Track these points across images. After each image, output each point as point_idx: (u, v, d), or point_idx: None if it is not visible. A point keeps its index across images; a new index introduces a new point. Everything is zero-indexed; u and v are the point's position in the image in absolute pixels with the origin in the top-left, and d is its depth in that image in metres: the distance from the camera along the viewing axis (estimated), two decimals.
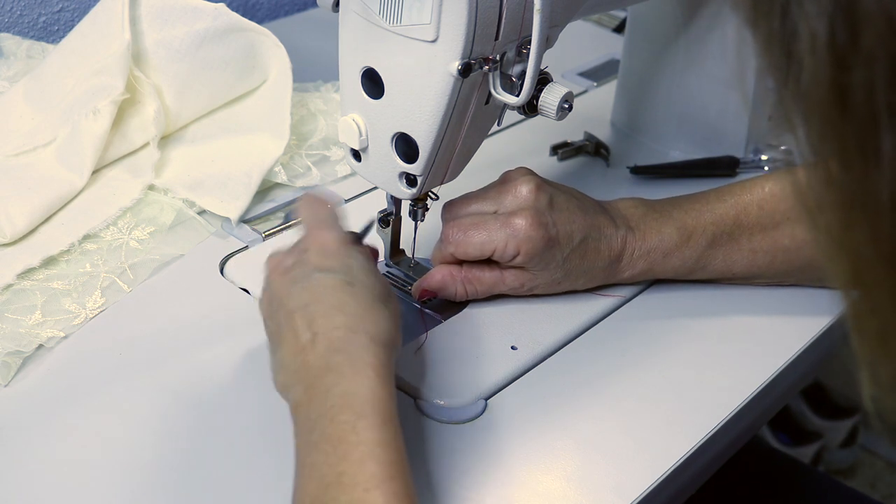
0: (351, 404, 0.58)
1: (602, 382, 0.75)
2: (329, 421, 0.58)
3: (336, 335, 0.61)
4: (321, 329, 0.62)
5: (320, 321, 0.62)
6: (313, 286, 0.64)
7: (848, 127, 0.38)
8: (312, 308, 0.63)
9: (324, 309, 0.63)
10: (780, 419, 1.79)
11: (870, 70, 0.37)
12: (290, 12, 1.39)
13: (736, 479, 0.99)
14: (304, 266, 0.65)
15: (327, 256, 0.66)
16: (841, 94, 0.38)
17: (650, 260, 0.79)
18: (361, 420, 0.58)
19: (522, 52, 0.69)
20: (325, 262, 0.65)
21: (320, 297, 0.63)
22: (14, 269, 0.80)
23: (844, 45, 0.37)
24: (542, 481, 0.67)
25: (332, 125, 1.01)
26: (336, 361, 0.60)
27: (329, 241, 0.67)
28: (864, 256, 0.41)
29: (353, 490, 0.55)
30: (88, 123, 0.89)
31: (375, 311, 0.64)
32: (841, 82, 0.38)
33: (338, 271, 0.65)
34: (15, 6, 1.14)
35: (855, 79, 0.37)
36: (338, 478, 0.56)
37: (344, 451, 0.56)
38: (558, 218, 0.75)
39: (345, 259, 0.66)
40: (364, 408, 0.58)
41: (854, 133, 0.38)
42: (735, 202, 0.80)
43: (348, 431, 0.57)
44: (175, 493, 0.65)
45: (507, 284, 0.78)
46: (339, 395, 0.59)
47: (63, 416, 0.70)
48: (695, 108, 1.00)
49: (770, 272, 0.81)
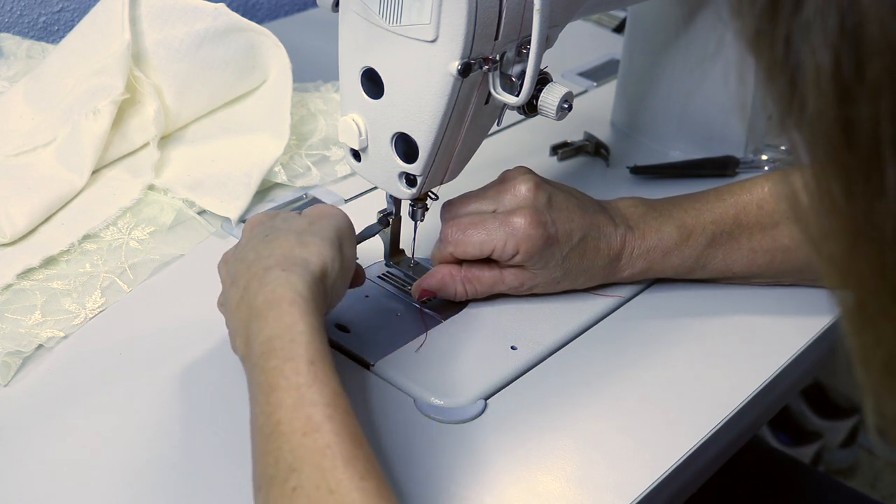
0: (275, 348, 0.59)
1: (602, 382, 0.75)
2: (260, 370, 0.59)
3: (255, 280, 0.64)
4: (244, 282, 0.64)
5: (243, 277, 0.65)
6: (238, 255, 0.68)
7: (853, 159, 0.38)
8: (238, 272, 0.66)
9: (244, 267, 0.66)
10: (780, 419, 1.79)
11: (875, 103, 0.37)
12: (290, 12, 1.39)
13: (736, 479, 0.99)
14: (236, 248, 0.70)
15: (252, 228, 0.70)
16: (846, 127, 0.37)
17: (650, 259, 0.79)
18: (287, 363, 0.58)
19: (522, 51, 0.69)
20: (251, 234, 0.70)
21: (241, 258, 0.67)
22: (14, 269, 0.80)
23: (850, 77, 0.37)
24: (542, 481, 0.67)
25: (332, 125, 1.01)
26: (257, 305, 0.62)
27: (253, 217, 0.72)
28: (869, 287, 0.40)
29: (291, 437, 0.55)
30: (88, 123, 0.89)
31: (289, 242, 0.66)
32: (846, 115, 0.37)
33: (258, 236, 0.68)
34: (15, 6, 1.14)
35: (860, 111, 0.37)
36: (276, 427, 0.56)
37: (277, 399, 0.57)
38: (557, 216, 0.75)
39: (267, 223, 0.70)
40: (287, 350, 0.58)
41: (859, 165, 0.38)
42: (735, 202, 0.80)
43: (278, 377, 0.57)
44: (175, 493, 0.65)
45: (507, 283, 0.78)
46: (264, 341, 0.60)
47: (63, 416, 0.70)
48: (695, 108, 1.00)
49: (769, 271, 0.81)
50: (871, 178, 0.38)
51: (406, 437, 0.69)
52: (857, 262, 0.40)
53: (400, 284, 0.82)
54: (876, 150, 0.37)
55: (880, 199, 0.38)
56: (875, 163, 0.37)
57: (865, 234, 0.39)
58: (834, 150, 0.38)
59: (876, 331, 0.41)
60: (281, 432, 0.55)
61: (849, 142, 0.38)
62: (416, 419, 0.70)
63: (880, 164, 0.37)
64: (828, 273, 0.42)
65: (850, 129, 0.37)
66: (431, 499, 0.65)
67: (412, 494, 0.65)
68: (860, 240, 0.39)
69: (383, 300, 0.80)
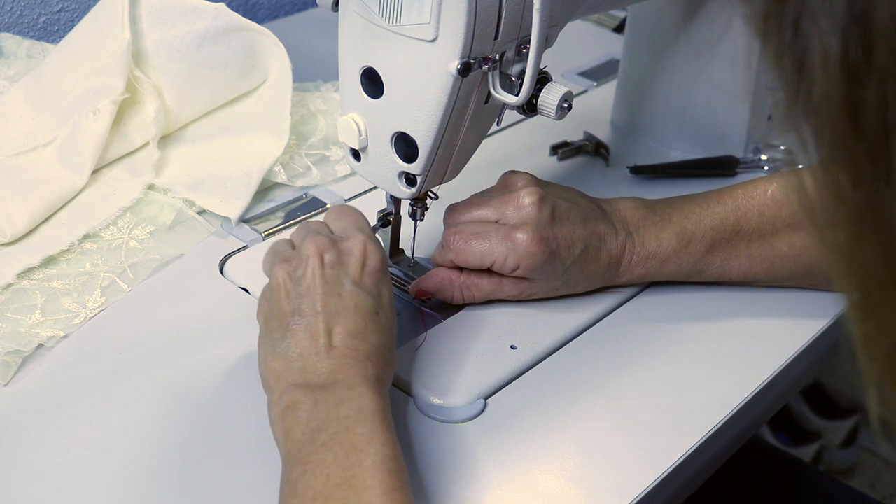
0: (366, 419, 0.61)
1: (602, 382, 0.75)
2: (344, 429, 0.60)
3: (353, 356, 0.64)
4: (340, 344, 0.64)
5: (341, 337, 0.64)
6: (345, 298, 0.66)
7: (860, 143, 0.38)
8: (338, 320, 0.65)
9: (348, 327, 0.65)
10: (780, 419, 1.79)
11: (883, 86, 0.37)
12: (290, 12, 1.39)
13: (736, 479, 0.98)
14: (344, 271, 0.67)
15: (367, 273, 0.67)
16: (853, 111, 0.37)
17: (648, 266, 0.79)
18: (376, 434, 0.60)
19: (522, 51, 0.69)
20: (363, 279, 0.67)
21: (349, 313, 0.65)
22: (14, 269, 0.80)
23: (858, 60, 0.37)
24: (541, 481, 0.67)
25: (331, 125, 1.01)
26: (350, 378, 0.63)
27: (373, 258, 0.68)
28: (874, 275, 0.40)
29: (362, 492, 0.57)
30: (88, 123, 0.89)
31: (388, 349, 0.67)
32: (853, 99, 0.37)
33: (372, 295, 0.67)
34: (15, 6, 1.14)
35: (868, 95, 0.37)
36: (348, 479, 0.58)
37: (357, 459, 0.59)
38: (559, 231, 0.75)
39: (379, 284, 0.68)
40: (378, 424, 0.61)
41: (866, 150, 0.38)
42: (736, 206, 0.79)
43: (364, 441, 0.59)
44: (175, 493, 0.65)
45: (506, 292, 0.78)
46: (354, 409, 0.61)
47: (63, 416, 0.70)
48: (695, 108, 1.00)
49: (767, 277, 0.81)
50: (877, 164, 0.38)
51: (406, 437, 0.69)
52: (863, 250, 0.40)
53: (400, 284, 0.82)
54: (883, 135, 0.37)
55: (886, 185, 0.38)
56: (882, 148, 0.37)
57: (871, 222, 0.39)
58: (841, 136, 0.38)
59: (880, 320, 0.41)
60: (352, 485, 0.58)
61: (856, 127, 0.38)
62: (416, 419, 0.70)
63: (887, 149, 0.37)
64: (833, 262, 0.42)
65: (858, 114, 0.37)
66: (431, 498, 0.65)
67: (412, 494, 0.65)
68: (866, 227, 0.39)
69: None
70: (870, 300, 0.41)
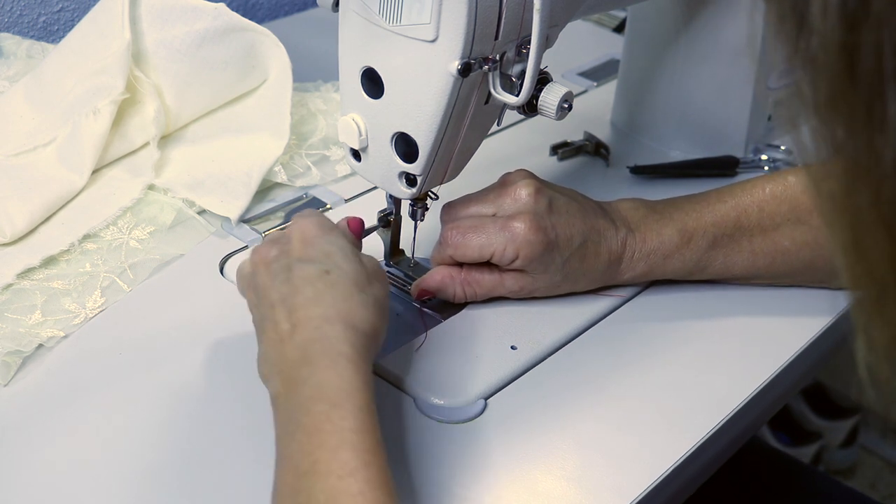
0: (326, 394, 0.59)
1: (602, 382, 0.75)
2: (305, 412, 0.59)
3: (312, 326, 0.63)
4: (299, 320, 0.63)
5: (298, 313, 0.64)
6: (293, 277, 0.66)
7: (856, 91, 0.39)
8: (290, 300, 0.64)
9: (301, 300, 0.64)
10: (780, 419, 1.79)
11: (879, 34, 0.38)
12: (290, 12, 1.39)
13: (736, 479, 0.99)
14: (286, 256, 0.67)
15: (307, 245, 0.68)
16: (850, 58, 0.39)
17: (650, 262, 0.79)
18: (336, 409, 0.58)
19: (522, 51, 0.69)
20: (305, 252, 0.67)
21: (299, 288, 0.65)
22: (14, 269, 0.80)
23: (855, 9, 0.38)
24: (541, 481, 0.67)
25: (332, 125, 1.01)
26: (312, 352, 0.62)
27: (308, 227, 0.69)
28: (864, 220, 0.41)
29: (327, 478, 0.55)
30: (88, 123, 0.89)
31: (352, 299, 0.65)
32: (850, 46, 0.38)
33: (316, 260, 0.66)
34: (15, 6, 1.14)
35: (864, 42, 0.38)
36: (312, 466, 0.56)
37: (319, 441, 0.57)
38: (557, 221, 0.75)
39: (324, 246, 0.68)
40: (338, 397, 0.59)
41: (861, 98, 0.39)
42: (735, 203, 0.80)
43: (323, 421, 0.58)
44: (175, 493, 0.65)
45: (507, 287, 0.78)
46: (314, 386, 0.60)
47: (63, 416, 0.70)
48: (695, 108, 1.00)
49: (769, 273, 0.81)
50: (872, 112, 0.39)
51: (406, 437, 0.69)
52: (856, 197, 0.41)
53: (400, 284, 0.82)
54: (878, 83, 0.38)
55: (881, 132, 0.39)
56: (877, 95, 0.38)
57: (865, 167, 0.40)
58: (838, 84, 0.39)
59: (868, 263, 0.42)
60: (317, 472, 0.56)
61: (852, 74, 0.39)
62: (417, 419, 0.70)
63: (882, 96, 0.38)
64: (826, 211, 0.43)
65: (854, 61, 0.39)
66: (431, 499, 0.65)
67: (412, 494, 0.65)
68: (860, 173, 0.40)
69: None
70: (859, 245, 0.42)
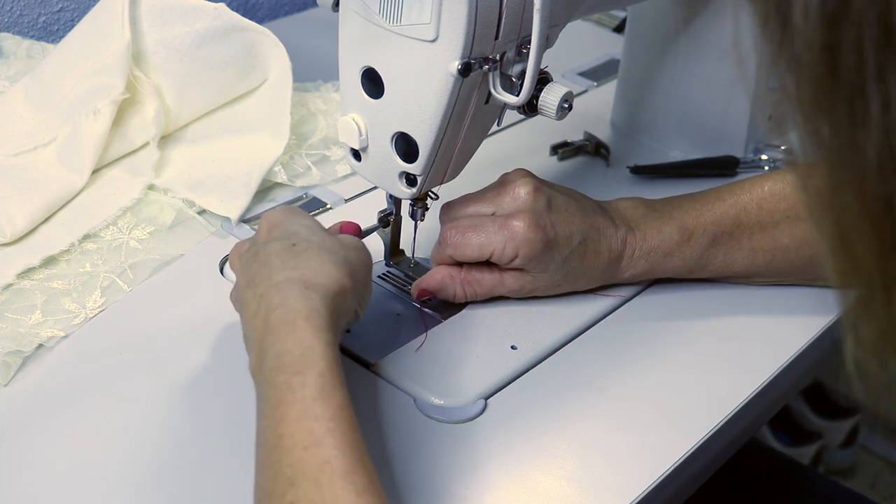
0: (286, 363, 0.59)
1: (602, 382, 0.75)
2: (269, 384, 0.58)
3: (275, 292, 0.63)
4: (265, 292, 0.64)
5: (262, 284, 0.64)
6: (260, 258, 0.67)
7: (838, 89, 0.40)
8: (258, 276, 0.65)
9: (266, 272, 0.65)
10: (780, 419, 1.79)
11: (859, 31, 0.38)
12: (290, 12, 1.39)
13: (736, 479, 0.99)
14: (254, 244, 0.69)
15: (272, 228, 0.69)
16: (832, 56, 0.39)
17: (651, 260, 0.79)
18: (296, 377, 0.58)
19: (522, 51, 0.69)
20: (270, 234, 0.69)
21: (264, 262, 0.66)
22: (14, 269, 0.80)
23: (836, 8, 0.39)
24: (542, 481, 0.67)
25: (332, 125, 1.01)
26: (274, 320, 0.61)
27: (273, 215, 0.71)
28: (850, 217, 0.42)
29: (292, 451, 0.55)
30: (88, 123, 0.89)
31: (315, 259, 0.65)
32: (831, 44, 0.39)
33: (281, 238, 0.68)
34: (15, 6, 1.14)
35: (845, 41, 0.39)
36: (278, 440, 0.56)
37: (282, 413, 0.56)
38: (557, 220, 0.75)
39: (288, 226, 0.69)
40: (298, 364, 0.58)
41: (843, 95, 0.40)
42: (735, 201, 0.80)
43: (285, 391, 0.57)
44: (175, 493, 0.65)
45: (507, 287, 0.78)
46: (275, 356, 0.59)
47: (63, 416, 0.70)
48: (695, 108, 1.00)
49: (769, 271, 0.81)
50: (854, 109, 0.39)
51: (406, 437, 0.69)
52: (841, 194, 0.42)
53: (400, 284, 0.81)
54: (859, 80, 0.39)
55: (863, 128, 0.39)
56: (858, 93, 0.39)
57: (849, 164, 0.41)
58: (820, 83, 0.40)
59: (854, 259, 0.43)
60: (282, 446, 0.55)
61: (834, 72, 0.39)
62: (417, 419, 0.70)
63: (864, 93, 0.39)
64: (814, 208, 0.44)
65: (836, 59, 0.39)
66: (431, 498, 0.65)
67: (412, 494, 0.65)
68: (844, 170, 0.41)
69: (383, 300, 0.80)
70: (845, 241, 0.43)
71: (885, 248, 0.41)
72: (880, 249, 0.41)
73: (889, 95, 0.38)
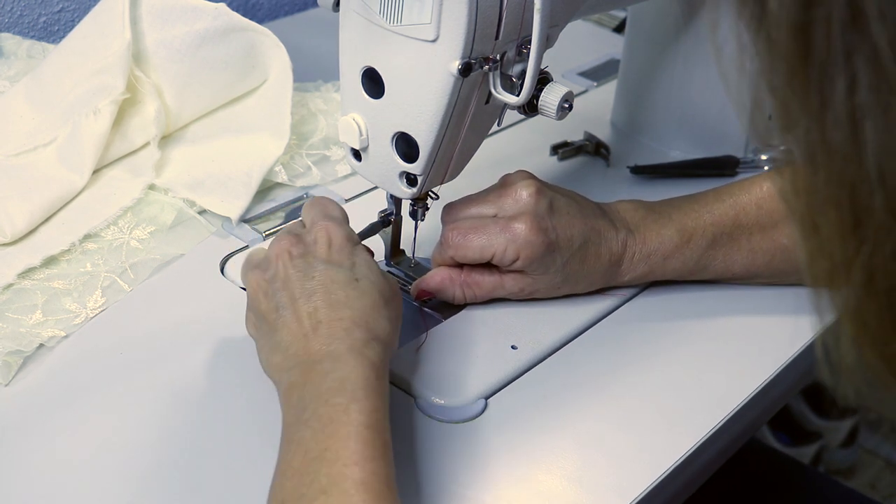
0: (345, 388, 0.61)
1: (602, 382, 0.75)
2: (323, 402, 0.60)
3: (339, 326, 0.64)
4: (325, 319, 0.64)
5: (324, 311, 0.65)
6: (320, 278, 0.66)
7: (809, 69, 0.40)
8: (318, 299, 0.65)
9: (330, 301, 0.65)
10: (780, 419, 1.79)
11: (828, 15, 0.39)
12: (290, 12, 1.39)
13: (736, 479, 0.99)
14: (312, 257, 0.68)
15: (334, 251, 0.69)
16: (804, 39, 0.40)
17: (651, 262, 0.79)
18: (354, 403, 0.60)
19: (522, 51, 0.69)
20: (332, 256, 0.68)
21: (327, 289, 0.66)
22: (14, 269, 0.80)
23: None
24: (542, 481, 0.67)
25: (332, 125, 1.01)
26: (338, 349, 0.63)
27: (337, 236, 0.69)
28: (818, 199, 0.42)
29: (333, 464, 0.57)
30: (89, 123, 0.89)
31: (377, 310, 0.66)
32: (804, 27, 0.40)
33: (345, 267, 0.68)
34: (15, 6, 1.14)
35: (816, 24, 0.39)
36: (322, 453, 0.58)
37: (332, 430, 0.59)
38: (558, 222, 0.75)
39: (350, 256, 0.69)
40: (357, 392, 0.61)
41: (814, 76, 0.40)
42: (734, 202, 0.80)
43: (340, 412, 0.59)
44: (175, 492, 0.65)
45: (507, 289, 0.78)
46: (335, 380, 0.61)
47: (63, 416, 0.70)
48: (695, 108, 1.00)
49: (769, 271, 0.81)
50: (823, 89, 0.40)
51: (406, 437, 0.69)
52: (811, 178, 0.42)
53: (400, 285, 0.81)
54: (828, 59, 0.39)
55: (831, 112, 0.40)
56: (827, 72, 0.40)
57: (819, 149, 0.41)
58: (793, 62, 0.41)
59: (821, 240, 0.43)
60: (325, 458, 0.57)
61: (805, 52, 0.40)
62: (417, 419, 0.70)
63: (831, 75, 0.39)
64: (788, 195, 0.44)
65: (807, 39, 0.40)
66: (431, 498, 0.65)
67: (412, 494, 0.65)
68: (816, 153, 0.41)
69: None
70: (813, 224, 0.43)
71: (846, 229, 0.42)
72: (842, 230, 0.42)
73: (855, 77, 0.39)
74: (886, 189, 0.40)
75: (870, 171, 0.39)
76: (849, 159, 0.40)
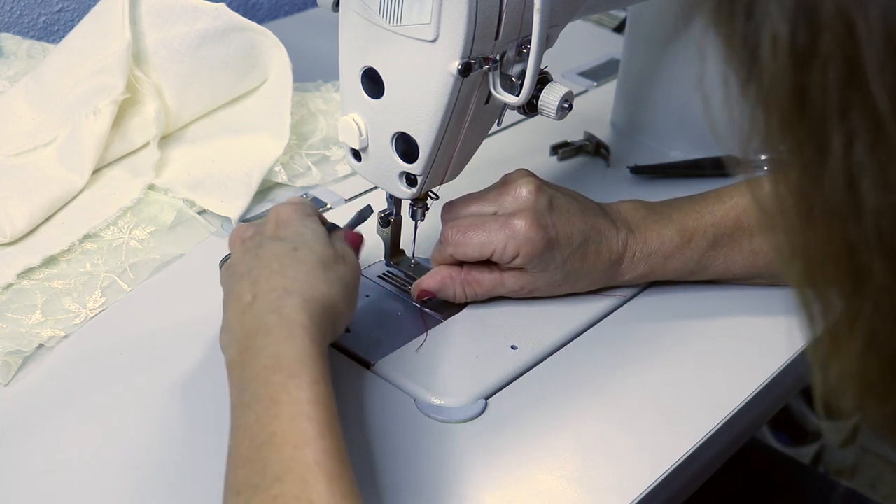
0: (282, 365, 0.60)
1: (602, 382, 0.75)
2: (262, 382, 0.60)
3: (272, 296, 0.64)
4: (260, 291, 0.64)
5: (261, 283, 0.65)
6: (262, 253, 0.67)
7: (805, 127, 0.40)
8: (256, 272, 0.66)
9: (266, 273, 0.65)
10: (780, 419, 1.78)
11: (825, 71, 0.38)
12: (290, 12, 1.39)
13: (736, 479, 0.99)
14: (259, 236, 0.70)
15: (281, 226, 0.69)
16: (799, 95, 0.39)
17: (651, 262, 0.79)
18: (292, 380, 0.59)
19: (522, 51, 0.69)
20: (278, 232, 0.69)
21: (266, 262, 0.66)
22: (14, 269, 0.80)
23: (804, 47, 0.38)
24: (542, 481, 0.67)
25: (332, 125, 1.01)
26: (270, 322, 0.62)
27: (285, 212, 0.70)
28: (817, 258, 0.42)
29: (283, 448, 0.56)
30: (89, 123, 0.89)
31: (314, 274, 0.66)
32: (800, 83, 0.39)
33: (287, 239, 0.68)
34: (15, 6, 1.14)
35: (812, 80, 0.38)
36: (269, 437, 0.57)
37: (276, 411, 0.58)
38: (558, 220, 0.75)
39: (298, 228, 0.69)
40: (294, 368, 0.60)
41: (810, 134, 0.39)
42: (735, 203, 0.80)
43: (280, 391, 0.59)
44: (175, 492, 0.65)
45: (507, 287, 0.78)
46: (271, 356, 0.61)
47: (63, 416, 0.70)
48: (695, 108, 1.00)
49: (769, 272, 0.81)
50: (820, 147, 0.39)
51: (406, 437, 0.69)
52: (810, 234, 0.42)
53: (400, 284, 0.82)
54: (825, 118, 0.39)
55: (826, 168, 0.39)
56: (824, 131, 0.39)
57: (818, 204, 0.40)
58: (788, 119, 0.40)
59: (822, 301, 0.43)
60: (273, 443, 0.57)
61: (802, 110, 0.39)
62: (417, 419, 0.70)
63: (828, 131, 0.39)
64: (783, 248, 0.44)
65: (804, 98, 0.39)
66: (431, 498, 0.65)
67: (412, 494, 0.65)
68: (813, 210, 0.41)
69: (384, 300, 0.80)
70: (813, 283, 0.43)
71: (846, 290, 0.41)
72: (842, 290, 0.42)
73: (852, 135, 0.38)
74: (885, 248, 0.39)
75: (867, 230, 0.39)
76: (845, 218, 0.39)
